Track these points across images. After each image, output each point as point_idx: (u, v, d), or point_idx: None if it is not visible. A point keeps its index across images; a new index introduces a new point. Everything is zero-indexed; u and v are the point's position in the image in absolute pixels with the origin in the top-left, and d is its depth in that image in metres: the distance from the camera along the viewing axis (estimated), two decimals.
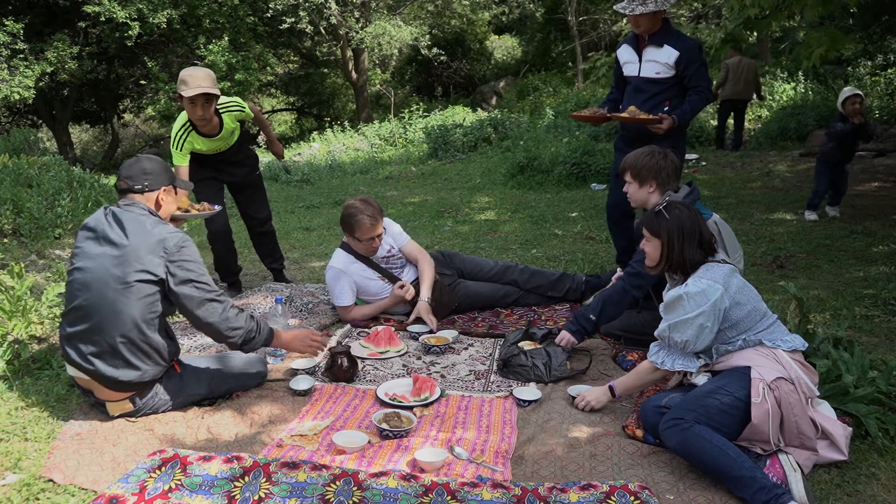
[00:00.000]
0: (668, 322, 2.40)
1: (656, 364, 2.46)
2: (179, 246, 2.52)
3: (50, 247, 5.42)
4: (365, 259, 3.81)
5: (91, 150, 24.66)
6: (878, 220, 5.98)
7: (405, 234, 3.99)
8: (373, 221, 3.64)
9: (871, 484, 2.18)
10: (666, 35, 3.91)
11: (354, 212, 3.66)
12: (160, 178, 2.67)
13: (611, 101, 4.30)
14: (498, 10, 21.11)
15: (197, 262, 2.56)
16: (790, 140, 10.27)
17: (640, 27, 3.91)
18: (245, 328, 2.62)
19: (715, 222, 3.01)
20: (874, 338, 3.38)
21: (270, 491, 2.09)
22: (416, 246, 3.96)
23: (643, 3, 3.80)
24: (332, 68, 22.13)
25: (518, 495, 2.07)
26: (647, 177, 3.03)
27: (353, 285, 3.78)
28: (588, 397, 2.68)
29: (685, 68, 3.87)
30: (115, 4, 14.72)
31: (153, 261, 2.47)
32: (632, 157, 3.11)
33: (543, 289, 4.05)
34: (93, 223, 2.58)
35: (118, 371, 2.48)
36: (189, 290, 2.51)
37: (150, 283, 2.47)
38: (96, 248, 2.51)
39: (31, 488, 2.16)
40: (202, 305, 2.54)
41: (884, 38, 11.01)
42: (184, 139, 3.88)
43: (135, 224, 2.52)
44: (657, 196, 3.04)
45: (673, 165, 3.06)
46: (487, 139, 12.36)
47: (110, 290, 2.45)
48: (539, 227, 6.41)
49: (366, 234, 3.66)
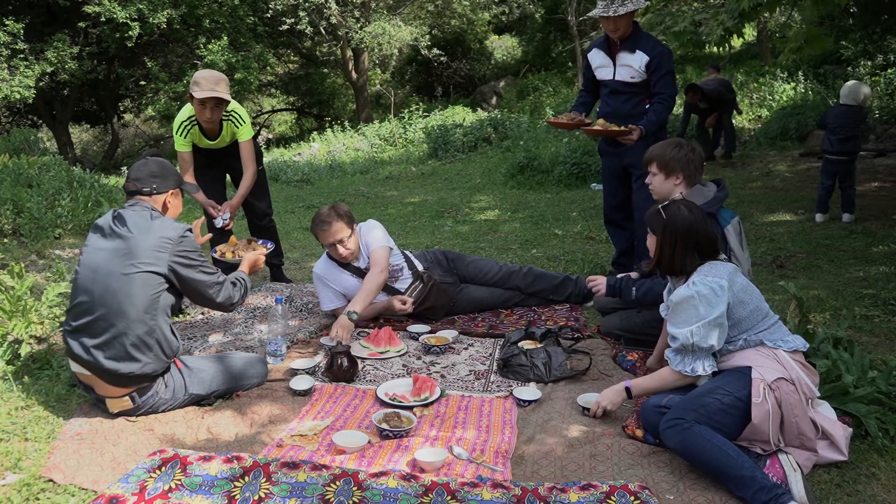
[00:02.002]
0: (689, 329, 2.32)
1: (686, 373, 2.36)
2: (181, 237, 2.62)
3: (50, 247, 5.42)
4: (346, 265, 3.72)
5: (91, 150, 24.65)
6: (878, 220, 5.98)
7: (381, 240, 3.70)
8: (325, 227, 3.57)
9: (871, 484, 2.18)
10: (637, 40, 3.90)
11: (315, 217, 3.66)
12: (168, 181, 2.77)
13: (581, 105, 4.29)
14: (498, 10, 21.08)
15: (197, 249, 2.71)
16: (790, 140, 10.27)
17: (618, 30, 3.88)
18: (241, 294, 2.90)
19: (738, 223, 2.99)
20: (874, 338, 3.37)
21: (270, 491, 2.09)
22: (380, 254, 3.65)
23: (623, 4, 3.77)
24: (332, 68, 22.12)
25: (518, 495, 2.07)
26: (675, 168, 2.98)
27: (334, 289, 3.77)
28: (602, 402, 2.59)
29: (652, 73, 3.88)
30: (115, 5, 14.71)
31: (156, 255, 2.56)
32: (658, 149, 3.05)
33: (546, 293, 4.04)
34: (101, 222, 2.69)
35: (119, 364, 2.50)
36: (197, 275, 2.66)
37: (154, 275, 2.55)
38: (102, 242, 2.61)
39: (31, 488, 2.16)
40: (210, 288, 2.72)
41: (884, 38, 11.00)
42: (187, 130, 4.02)
43: (136, 219, 2.61)
44: (683, 188, 2.99)
45: (700, 158, 3.03)
46: (487, 139, 12.36)
47: (114, 281, 2.51)
48: (539, 227, 6.41)
49: (324, 241, 3.65)
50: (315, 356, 3.32)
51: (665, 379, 2.46)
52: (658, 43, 3.94)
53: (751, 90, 12.77)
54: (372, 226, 3.80)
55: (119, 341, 2.50)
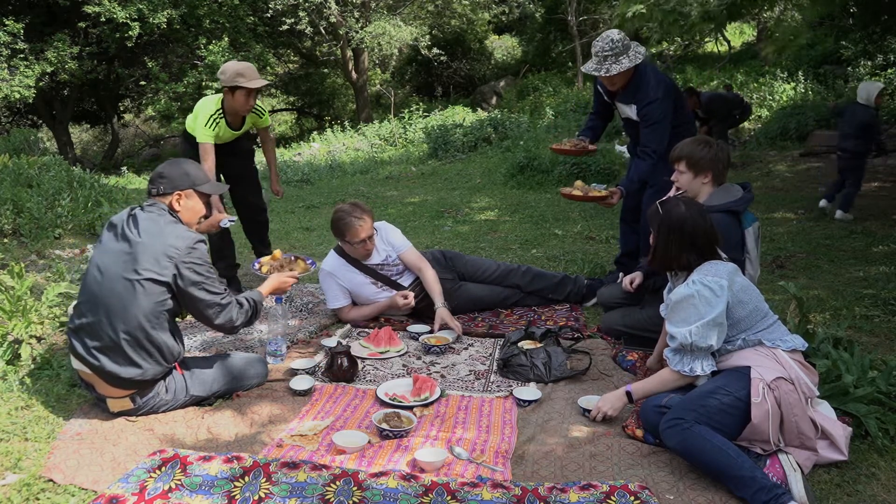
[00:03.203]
0: (689, 329, 2.32)
1: (685, 373, 2.37)
2: (189, 248, 2.54)
3: (50, 247, 5.42)
4: (357, 263, 3.78)
5: (91, 150, 24.66)
6: (878, 220, 5.99)
7: (406, 242, 3.88)
8: (361, 223, 3.61)
9: (871, 484, 2.18)
10: (635, 91, 3.74)
11: (342, 215, 3.65)
12: (174, 182, 2.66)
13: (590, 129, 4.18)
14: (498, 10, 21.10)
15: (206, 263, 2.60)
16: (790, 140, 10.27)
17: (614, 85, 3.77)
18: (244, 319, 2.75)
19: (758, 227, 3.00)
20: (874, 338, 3.38)
21: (270, 491, 2.09)
22: (416, 254, 3.84)
23: (617, 62, 3.63)
24: (332, 68, 22.12)
25: (518, 495, 2.07)
26: (705, 167, 2.94)
27: (343, 287, 3.78)
28: (603, 407, 2.57)
29: (641, 121, 3.77)
30: (115, 5, 14.72)
31: (162, 263, 2.50)
32: (687, 147, 2.99)
33: (545, 291, 4.04)
34: (116, 220, 2.65)
35: (120, 368, 2.50)
36: (198, 292, 2.56)
37: (157, 283, 2.50)
38: (114, 244, 2.57)
39: (31, 488, 2.16)
40: (210, 308, 2.61)
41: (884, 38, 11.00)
42: (216, 123, 4.05)
43: (148, 223, 2.55)
44: (710, 187, 2.96)
45: (728, 157, 3.01)
46: (487, 139, 12.36)
47: (119, 285, 2.48)
48: (539, 227, 6.41)
49: (355, 238, 3.64)
50: (315, 356, 3.32)
51: (665, 380, 2.46)
52: (652, 90, 3.69)
53: (751, 90, 12.77)
54: (389, 227, 3.91)
55: (120, 346, 2.49)
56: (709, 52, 17.84)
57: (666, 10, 5.27)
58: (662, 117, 3.69)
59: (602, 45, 3.63)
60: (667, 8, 5.18)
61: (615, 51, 3.60)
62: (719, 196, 2.92)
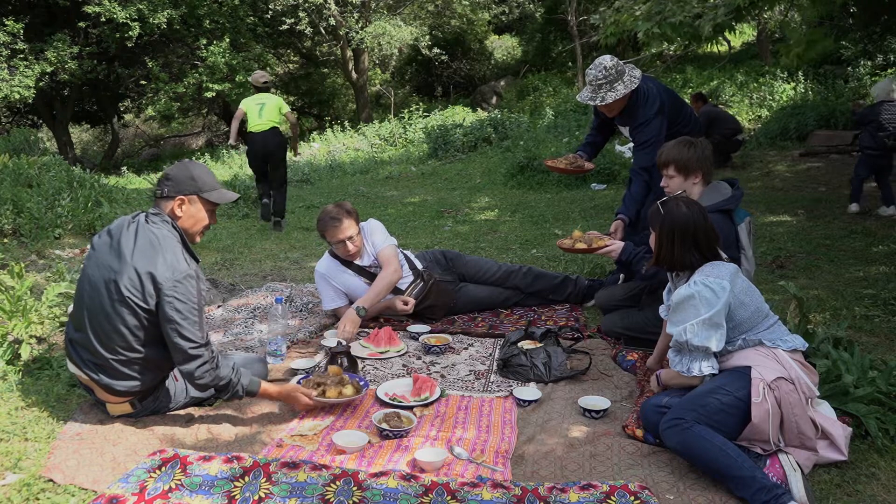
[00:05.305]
0: (684, 326, 2.33)
1: (683, 373, 2.37)
2: (175, 282, 2.37)
3: (50, 247, 5.42)
4: (350, 264, 3.75)
5: (91, 150, 24.66)
6: (878, 220, 5.99)
7: (385, 240, 3.77)
8: (337, 224, 3.58)
9: (871, 484, 2.18)
10: (631, 115, 3.73)
11: (323, 216, 3.66)
12: (178, 186, 2.51)
13: (589, 145, 4.14)
14: (498, 10, 21.09)
15: (190, 302, 2.39)
16: (790, 140, 10.27)
17: (611, 111, 3.76)
18: (212, 383, 2.46)
19: (750, 222, 2.99)
20: (874, 338, 3.37)
21: (270, 491, 2.09)
22: (390, 252, 3.72)
23: (612, 89, 3.58)
24: (332, 68, 22.14)
25: (518, 495, 2.07)
26: (694, 168, 2.94)
27: (337, 288, 3.77)
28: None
29: (633, 139, 3.77)
30: (115, 5, 14.72)
31: (146, 288, 2.37)
32: (673, 151, 2.97)
33: (545, 292, 4.04)
34: (114, 227, 2.52)
35: (116, 381, 2.48)
36: (170, 331, 2.38)
37: (142, 309, 2.40)
38: (106, 255, 2.46)
39: (31, 488, 2.16)
40: (175, 352, 2.41)
41: (884, 38, 11.01)
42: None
43: (144, 241, 2.42)
44: (700, 187, 2.96)
45: (712, 152, 3.01)
46: (487, 139, 12.36)
47: (106, 302, 2.41)
48: (539, 227, 6.41)
49: (334, 238, 3.64)
50: (315, 356, 3.32)
51: (672, 374, 2.47)
52: (645, 110, 3.66)
53: (751, 90, 12.77)
54: (375, 225, 3.84)
55: (111, 364, 2.44)
56: (709, 52, 17.82)
57: (674, 25, 5.25)
58: (655, 137, 3.66)
59: (595, 73, 3.60)
60: (674, 21, 5.16)
61: (609, 78, 3.58)
62: (710, 196, 2.92)
